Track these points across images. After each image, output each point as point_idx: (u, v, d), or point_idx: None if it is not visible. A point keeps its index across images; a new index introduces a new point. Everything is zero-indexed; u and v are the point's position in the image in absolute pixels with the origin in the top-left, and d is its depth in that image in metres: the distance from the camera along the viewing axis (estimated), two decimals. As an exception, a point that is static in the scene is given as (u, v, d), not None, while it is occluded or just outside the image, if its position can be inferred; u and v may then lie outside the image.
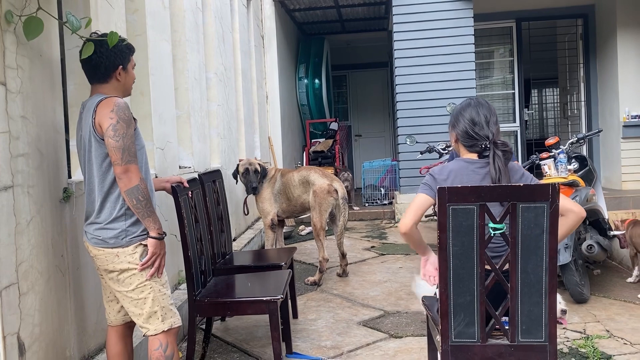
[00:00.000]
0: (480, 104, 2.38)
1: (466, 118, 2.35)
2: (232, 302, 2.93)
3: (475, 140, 2.33)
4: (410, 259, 5.70)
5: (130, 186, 2.28)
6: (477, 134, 2.32)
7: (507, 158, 2.27)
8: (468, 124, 2.34)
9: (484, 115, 2.33)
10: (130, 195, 2.29)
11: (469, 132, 2.34)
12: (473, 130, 2.33)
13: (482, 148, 2.31)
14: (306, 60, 10.37)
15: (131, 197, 2.29)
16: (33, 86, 2.50)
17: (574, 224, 2.29)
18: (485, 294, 2.16)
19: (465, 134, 2.35)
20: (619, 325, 3.65)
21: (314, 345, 3.51)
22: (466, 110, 2.37)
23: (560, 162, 4.45)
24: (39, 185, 2.51)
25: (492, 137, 2.29)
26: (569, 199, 2.34)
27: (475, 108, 2.36)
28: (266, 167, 5.03)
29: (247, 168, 4.90)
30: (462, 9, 7.74)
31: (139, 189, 2.30)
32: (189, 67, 4.72)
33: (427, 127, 7.60)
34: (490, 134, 2.30)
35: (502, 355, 2.20)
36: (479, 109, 2.35)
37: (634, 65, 8.24)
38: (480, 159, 2.33)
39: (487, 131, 2.31)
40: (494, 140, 2.29)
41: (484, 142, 2.29)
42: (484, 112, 2.34)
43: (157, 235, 2.37)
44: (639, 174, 8.11)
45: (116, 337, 2.59)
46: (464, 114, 2.37)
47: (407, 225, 2.34)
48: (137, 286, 2.37)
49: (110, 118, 2.28)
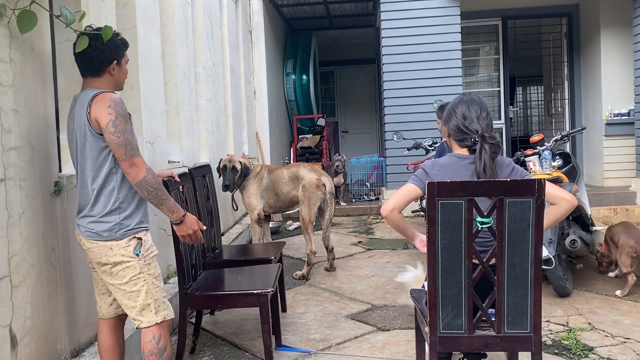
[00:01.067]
0: (473, 99, 2.43)
1: (458, 113, 2.40)
2: (223, 295, 2.96)
3: (466, 135, 2.38)
4: (396, 254, 5.76)
5: (139, 179, 2.31)
6: (468, 128, 2.37)
7: (494, 152, 2.31)
8: (459, 119, 2.39)
9: (475, 111, 2.38)
10: (140, 188, 2.32)
11: (459, 127, 2.39)
12: (464, 125, 2.38)
13: (472, 142, 2.35)
14: (294, 55, 10.38)
15: (142, 189, 2.32)
16: (25, 80, 2.50)
17: (565, 212, 2.36)
18: (473, 286, 2.22)
19: (457, 129, 2.40)
20: (601, 318, 3.75)
21: (303, 338, 3.55)
22: (458, 106, 2.42)
23: (545, 158, 4.53)
24: (31, 179, 2.52)
25: (481, 131, 2.34)
26: (561, 189, 2.40)
27: (467, 104, 2.41)
28: (250, 164, 5.03)
29: (225, 165, 4.87)
30: (449, 6, 7.81)
31: (147, 180, 2.32)
32: (178, 62, 4.72)
33: (414, 123, 7.66)
34: (479, 128, 2.35)
35: (488, 345, 2.26)
36: (470, 104, 2.40)
37: (617, 64, 8.38)
38: (470, 155, 2.38)
39: (476, 125, 2.36)
40: (482, 134, 2.33)
41: (474, 136, 2.34)
42: (475, 107, 2.39)
43: (177, 219, 2.43)
44: (621, 171, 8.26)
45: (108, 330, 2.61)
46: (456, 110, 2.42)
47: (387, 209, 2.40)
48: (131, 279, 2.39)
49: (108, 114, 2.29)
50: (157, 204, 2.39)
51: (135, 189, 2.39)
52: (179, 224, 2.49)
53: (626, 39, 8.18)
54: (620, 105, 8.37)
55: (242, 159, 4.96)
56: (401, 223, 2.48)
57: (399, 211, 2.42)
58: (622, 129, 8.27)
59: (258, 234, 5.02)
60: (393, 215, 2.41)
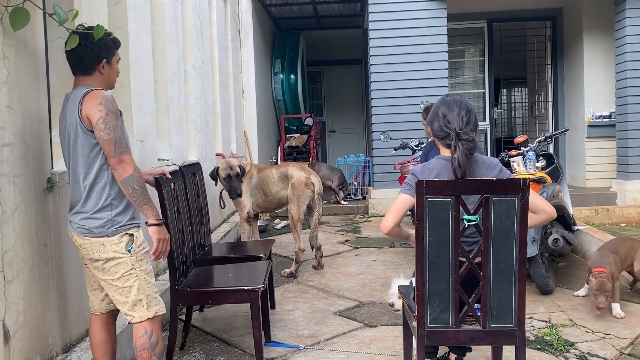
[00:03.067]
0: (454, 99, 2.47)
1: (440, 114, 2.45)
2: (214, 291, 3.00)
3: (446, 134, 2.42)
4: (383, 252, 5.83)
5: (125, 175, 2.34)
6: (447, 127, 2.41)
7: (468, 148, 2.34)
8: (441, 119, 2.44)
9: (455, 110, 2.42)
10: (126, 185, 2.35)
11: (441, 127, 2.44)
12: (444, 124, 2.43)
13: (451, 140, 2.41)
14: (282, 55, 10.42)
15: (127, 187, 2.35)
16: (19, 76, 2.52)
17: (542, 221, 2.46)
18: (459, 282, 2.29)
19: (439, 129, 2.45)
20: (582, 314, 3.85)
21: (292, 335, 3.60)
22: (440, 107, 2.47)
23: (529, 159, 4.63)
24: (24, 175, 2.54)
25: (457, 128, 2.39)
26: (544, 200, 2.48)
27: (448, 104, 2.45)
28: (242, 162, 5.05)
29: (229, 174, 4.70)
30: (436, 8, 7.90)
31: (134, 177, 2.35)
32: (168, 60, 4.74)
33: (401, 124, 7.74)
34: (457, 126, 2.40)
35: (474, 339, 2.33)
36: (451, 104, 2.44)
37: (599, 68, 8.54)
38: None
39: (454, 124, 2.40)
40: (457, 131, 2.38)
41: (452, 134, 2.39)
42: (455, 107, 2.43)
43: (155, 221, 2.44)
44: (602, 172, 8.42)
45: (100, 325, 2.63)
46: (438, 111, 2.47)
47: (388, 226, 2.43)
48: (123, 275, 2.42)
49: (99, 111, 2.32)
50: (141, 203, 2.41)
51: (120, 186, 2.40)
52: (158, 227, 2.50)
53: (608, 43, 8.34)
54: (602, 107, 8.54)
55: (238, 161, 4.92)
56: (402, 234, 2.53)
57: (398, 225, 2.46)
58: (603, 131, 8.43)
59: (247, 232, 5.06)
60: (394, 231, 2.45)
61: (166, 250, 2.55)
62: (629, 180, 7.63)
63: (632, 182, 7.61)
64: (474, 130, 2.41)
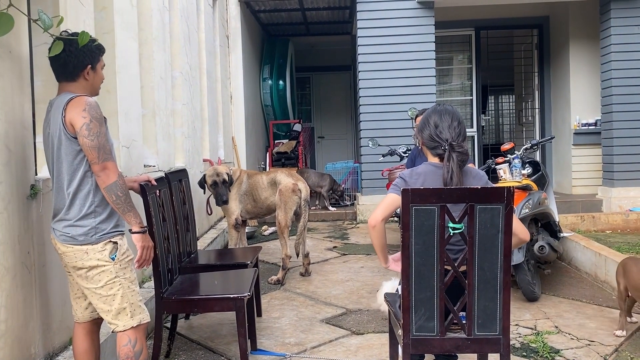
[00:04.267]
0: (446, 109, 2.49)
1: (431, 123, 2.47)
2: (199, 299, 2.98)
3: (437, 144, 2.44)
4: (371, 259, 5.84)
5: (109, 182, 2.32)
6: (439, 137, 2.43)
7: (461, 160, 2.38)
8: (432, 128, 2.46)
9: (447, 120, 2.44)
10: (109, 192, 2.33)
11: (432, 136, 2.46)
12: (435, 134, 2.44)
13: (443, 151, 2.42)
14: (270, 61, 10.42)
15: (110, 194, 2.33)
16: (2, 82, 2.49)
17: (514, 244, 2.43)
18: (445, 290, 2.29)
19: (429, 138, 2.47)
20: (567, 321, 3.87)
21: (278, 342, 3.59)
22: (431, 116, 2.49)
23: (515, 167, 4.66)
24: (7, 182, 2.50)
25: (450, 139, 2.41)
26: (520, 223, 2.48)
27: (439, 113, 2.47)
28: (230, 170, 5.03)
29: (215, 180, 4.73)
30: (424, 16, 7.96)
31: (117, 184, 2.33)
32: (155, 66, 4.72)
33: (389, 130, 7.77)
34: (449, 137, 2.42)
35: (459, 347, 2.33)
36: (442, 114, 2.47)
37: (585, 76, 8.65)
38: (441, 162, 2.45)
39: (447, 134, 2.42)
40: (451, 142, 2.40)
41: (444, 145, 2.41)
42: (447, 117, 2.45)
43: (139, 229, 2.42)
44: (588, 179, 8.51)
45: (83, 334, 2.60)
46: (429, 120, 2.49)
47: (377, 218, 2.45)
48: (107, 283, 2.40)
49: (83, 117, 2.30)
50: (124, 210, 2.39)
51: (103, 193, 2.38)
52: (142, 234, 2.48)
53: (594, 51, 8.44)
54: (588, 115, 8.64)
55: (226, 168, 4.91)
56: (384, 238, 2.52)
57: (385, 221, 2.48)
58: (589, 138, 8.53)
59: (235, 239, 5.03)
60: (381, 226, 2.46)
61: (150, 257, 2.54)
62: (615, 188, 7.71)
63: (617, 189, 7.69)
64: (464, 141, 2.43)
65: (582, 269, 5.10)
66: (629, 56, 7.59)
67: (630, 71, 7.59)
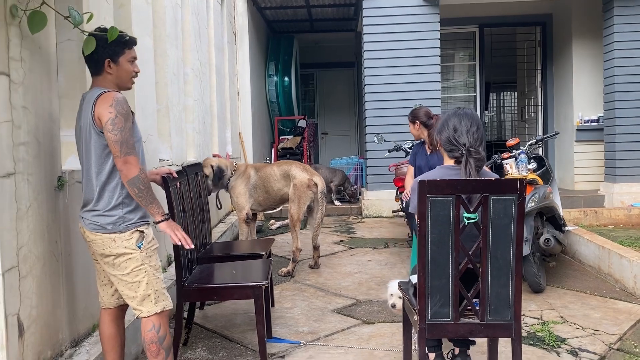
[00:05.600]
0: (465, 113, 2.59)
1: (450, 126, 2.57)
2: (219, 287, 3.08)
3: (454, 147, 2.54)
4: (378, 252, 5.94)
5: (131, 176, 2.42)
6: (457, 140, 2.53)
7: (478, 166, 2.49)
8: (450, 131, 2.56)
9: (466, 125, 2.54)
10: (132, 185, 2.42)
11: (450, 139, 2.55)
12: (454, 137, 2.54)
13: (460, 154, 2.52)
14: (276, 57, 10.51)
15: (133, 187, 2.43)
16: (33, 77, 2.59)
17: None
18: (459, 277, 2.40)
19: (447, 140, 2.57)
20: (572, 312, 3.98)
21: (292, 331, 3.69)
22: (451, 119, 2.59)
23: (522, 161, 4.76)
24: (37, 174, 2.61)
25: (468, 144, 2.51)
26: None
27: (459, 117, 2.57)
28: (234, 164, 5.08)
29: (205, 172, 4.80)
30: (429, 13, 8.04)
31: (139, 178, 2.43)
32: (169, 63, 4.82)
33: (394, 126, 7.86)
34: (467, 142, 2.51)
35: (472, 332, 2.44)
36: (462, 118, 2.56)
37: (588, 73, 8.74)
38: (458, 165, 2.55)
39: (465, 139, 2.52)
40: (469, 147, 2.50)
41: (462, 149, 2.51)
42: (466, 121, 2.55)
43: (162, 218, 2.51)
44: (591, 175, 8.61)
45: (109, 320, 2.71)
46: (448, 122, 2.58)
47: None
48: (132, 270, 2.50)
49: (109, 112, 2.40)
50: (147, 202, 2.48)
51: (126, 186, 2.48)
52: (166, 221, 2.57)
53: (597, 49, 8.53)
54: (590, 112, 8.73)
55: (215, 161, 4.99)
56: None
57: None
58: (591, 134, 8.63)
59: (245, 233, 5.13)
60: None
61: (184, 236, 2.58)
62: (617, 183, 7.81)
63: (619, 185, 7.79)
64: (481, 146, 2.52)
65: (585, 262, 5.20)
66: (632, 53, 7.68)
67: (632, 68, 7.68)
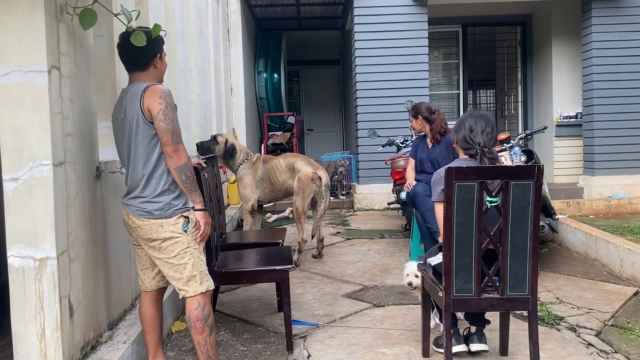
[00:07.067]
0: (481, 115, 2.88)
1: (466, 125, 2.86)
2: (248, 271, 3.25)
3: (470, 145, 2.84)
4: (375, 242, 6.17)
5: (180, 163, 2.58)
6: (472, 140, 2.82)
7: (491, 164, 2.76)
8: (467, 130, 2.84)
9: (481, 125, 2.84)
10: (180, 172, 2.58)
11: (466, 138, 2.85)
12: (469, 137, 2.83)
13: (475, 152, 2.81)
14: (265, 54, 10.65)
15: (181, 173, 2.58)
16: (77, 71, 2.73)
17: None
18: (481, 256, 2.63)
19: (463, 139, 2.86)
20: (566, 294, 4.26)
21: (308, 314, 3.89)
22: (468, 119, 2.88)
23: (515, 154, 5.05)
24: (81, 163, 2.75)
25: (482, 144, 2.79)
26: None
27: (475, 118, 2.86)
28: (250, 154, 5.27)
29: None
30: (418, 12, 8.30)
31: (187, 166, 2.59)
32: (177, 59, 4.94)
33: (385, 122, 8.10)
34: (482, 142, 2.80)
35: (493, 306, 2.68)
36: (478, 119, 2.85)
37: (567, 71, 9.12)
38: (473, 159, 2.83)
39: (480, 139, 2.81)
40: (483, 148, 2.78)
41: (476, 148, 2.78)
42: (481, 122, 2.84)
43: (202, 207, 2.68)
44: (570, 169, 9.00)
45: (150, 302, 2.86)
46: (465, 123, 2.87)
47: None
48: (179, 253, 2.66)
49: (159, 104, 2.55)
50: (191, 189, 2.65)
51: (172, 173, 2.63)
52: (204, 211, 2.75)
53: (575, 48, 8.92)
54: (569, 108, 9.12)
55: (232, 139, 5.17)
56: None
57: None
58: (570, 130, 9.02)
59: (249, 224, 5.29)
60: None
61: (209, 232, 2.79)
62: (595, 176, 8.20)
63: (597, 178, 8.19)
64: (494, 146, 2.80)
65: (572, 249, 5.52)
66: (609, 52, 8.07)
67: (610, 67, 8.07)
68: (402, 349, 3.25)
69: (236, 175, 5.24)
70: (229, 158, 5.11)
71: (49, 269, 2.43)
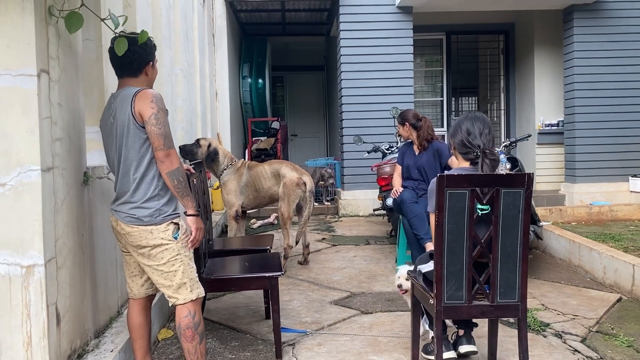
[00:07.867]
0: (477, 117, 2.83)
1: (463, 129, 2.80)
2: (237, 278, 3.23)
3: (469, 149, 2.78)
4: (361, 249, 6.18)
5: (172, 168, 2.55)
6: (471, 143, 2.77)
7: (493, 166, 2.73)
8: (464, 134, 2.79)
9: (478, 128, 2.78)
10: (172, 177, 2.55)
11: (464, 142, 2.79)
12: (467, 140, 2.78)
13: (474, 156, 2.76)
14: (249, 59, 10.63)
15: (172, 178, 2.56)
16: (66, 76, 2.69)
17: None
18: (472, 263, 2.64)
19: (461, 143, 2.80)
20: (551, 300, 4.31)
21: (296, 322, 3.87)
22: (464, 122, 2.82)
23: (502, 161, 5.10)
24: (68, 169, 2.71)
25: (482, 146, 2.75)
26: None
27: (471, 121, 2.80)
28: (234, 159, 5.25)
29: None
30: (403, 20, 8.37)
31: (179, 170, 2.57)
32: (164, 63, 4.90)
33: (370, 128, 8.12)
34: (481, 144, 2.76)
35: (484, 313, 2.69)
36: (474, 121, 2.80)
37: (549, 80, 9.27)
38: (472, 167, 2.79)
39: (479, 141, 2.76)
40: (484, 149, 2.75)
41: (476, 151, 2.75)
42: (478, 124, 2.79)
43: (194, 212, 2.65)
44: (552, 176, 9.13)
45: (138, 309, 2.82)
46: (461, 126, 2.82)
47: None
48: (169, 260, 2.62)
49: (151, 108, 2.53)
50: (183, 194, 2.62)
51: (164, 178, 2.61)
52: (196, 217, 2.73)
53: (557, 56, 9.07)
54: (551, 116, 9.27)
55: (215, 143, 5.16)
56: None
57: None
58: (552, 138, 9.16)
59: (234, 230, 5.26)
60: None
61: (201, 238, 2.78)
62: (576, 184, 8.33)
63: (579, 185, 8.32)
64: (493, 147, 2.78)
65: (556, 255, 5.59)
66: (590, 62, 8.22)
67: (591, 76, 8.22)
68: (391, 356, 3.25)
69: (220, 181, 5.21)
70: (211, 162, 5.09)
71: (36, 276, 2.38)
